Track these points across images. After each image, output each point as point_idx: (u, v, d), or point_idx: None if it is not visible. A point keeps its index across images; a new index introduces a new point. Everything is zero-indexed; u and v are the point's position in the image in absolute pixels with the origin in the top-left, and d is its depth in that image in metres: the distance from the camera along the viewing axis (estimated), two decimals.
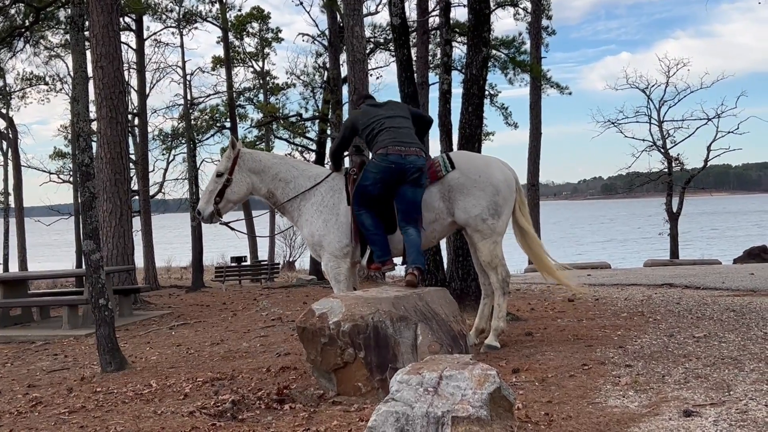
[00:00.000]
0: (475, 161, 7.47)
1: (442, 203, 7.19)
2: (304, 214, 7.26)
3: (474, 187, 7.20)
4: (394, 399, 4.09)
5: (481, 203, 7.19)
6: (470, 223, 7.22)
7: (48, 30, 26.39)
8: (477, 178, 7.24)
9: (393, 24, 11.16)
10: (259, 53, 35.28)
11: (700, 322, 8.49)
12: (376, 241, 7.00)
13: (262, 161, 7.37)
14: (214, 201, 7.22)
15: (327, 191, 7.25)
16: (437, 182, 7.18)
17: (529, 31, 27.22)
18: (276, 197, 7.36)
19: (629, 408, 5.02)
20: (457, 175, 7.21)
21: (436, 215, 7.20)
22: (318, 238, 7.14)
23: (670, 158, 29.09)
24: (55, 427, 5.79)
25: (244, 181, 7.28)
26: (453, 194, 7.19)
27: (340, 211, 7.14)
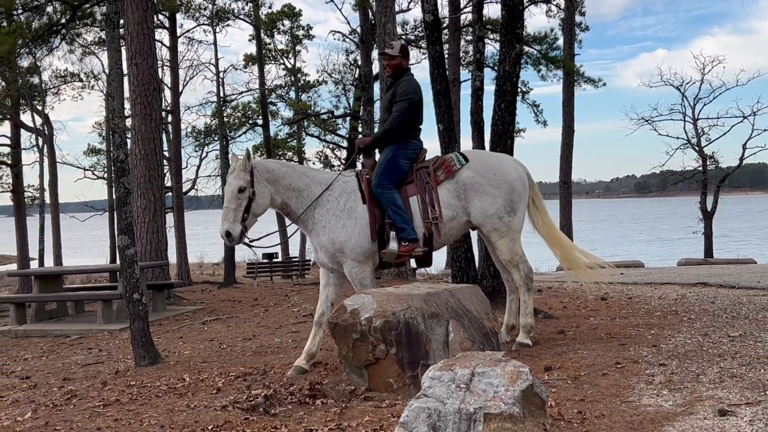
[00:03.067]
0: (488, 159, 7.47)
1: (458, 201, 7.16)
2: (321, 221, 7.02)
3: (489, 185, 7.18)
4: (425, 395, 4.09)
5: (498, 201, 7.18)
6: (487, 222, 7.20)
7: (83, 27, 26.67)
8: (492, 177, 7.22)
9: (426, 21, 11.14)
10: (291, 50, 35.38)
11: (736, 322, 8.39)
12: (406, 220, 6.96)
13: (275, 171, 7.08)
14: (243, 218, 6.82)
15: (341, 195, 7.07)
16: (452, 179, 7.17)
17: (562, 27, 27.02)
18: (290, 208, 7.10)
19: (663, 407, 4.98)
20: (471, 174, 7.19)
21: (455, 212, 7.17)
22: (339, 245, 6.93)
23: (704, 156, 28.73)
24: (89, 420, 5.86)
25: (266, 192, 6.95)
26: (468, 193, 7.16)
27: (358, 214, 7.00)
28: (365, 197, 7.04)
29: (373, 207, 7.01)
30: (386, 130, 7.31)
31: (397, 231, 6.94)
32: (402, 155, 7.21)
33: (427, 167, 7.24)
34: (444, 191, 7.14)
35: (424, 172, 7.21)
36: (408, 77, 7.42)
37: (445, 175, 7.16)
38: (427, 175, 7.18)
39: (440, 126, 10.88)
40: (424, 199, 7.10)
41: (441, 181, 7.17)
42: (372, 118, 23.82)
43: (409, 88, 7.28)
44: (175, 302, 14.81)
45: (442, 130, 10.84)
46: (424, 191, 7.12)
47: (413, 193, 7.13)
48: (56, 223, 30.43)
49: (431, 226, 7.07)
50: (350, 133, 28.45)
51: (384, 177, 7.05)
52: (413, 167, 7.26)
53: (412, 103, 7.24)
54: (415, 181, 7.18)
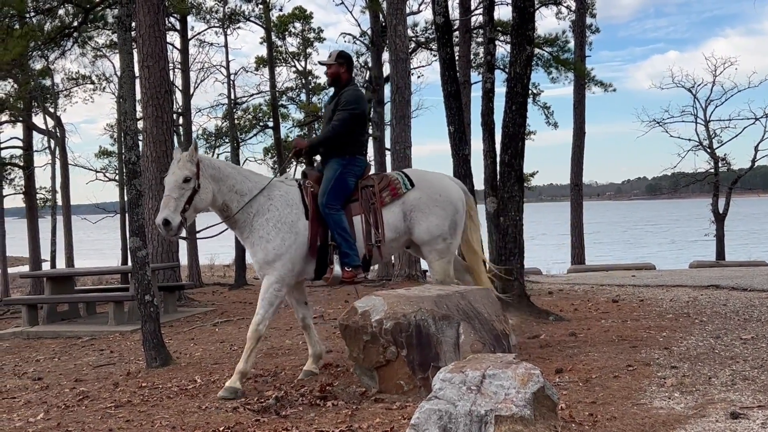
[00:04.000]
0: (433, 180, 7.30)
1: (403, 223, 6.99)
2: (259, 230, 6.63)
3: (436, 207, 7.05)
4: (437, 397, 4.09)
5: (445, 223, 7.06)
6: (431, 243, 7.07)
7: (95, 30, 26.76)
8: (438, 198, 7.09)
9: (436, 23, 11.16)
10: (302, 53, 35.41)
11: (748, 324, 8.36)
12: (351, 245, 6.73)
13: (221, 169, 6.72)
14: (183, 209, 6.37)
15: (283, 206, 6.72)
16: (398, 201, 6.97)
17: (572, 29, 26.96)
18: (230, 210, 6.69)
19: (675, 409, 4.96)
20: (417, 195, 7.02)
21: (398, 234, 7.00)
22: (273, 258, 6.55)
23: (716, 158, 28.58)
24: (101, 421, 5.89)
25: (209, 188, 6.55)
26: (414, 214, 6.99)
27: (299, 230, 6.67)
28: (308, 212, 6.74)
29: (316, 224, 6.71)
30: (326, 137, 7.04)
31: (341, 255, 6.71)
32: (350, 172, 6.98)
33: (373, 186, 7.00)
34: (389, 213, 6.93)
35: (370, 192, 6.97)
36: (352, 87, 7.22)
37: (391, 197, 6.96)
38: (372, 195, 6.95)
39: (451, 128, 10.88)
40: (368, 221, 6.88)
41: (386, 203, 6.95)
42: (382, 119, 23.82)
43: (352, 98, 7.08)
44: (186, 304, 14.85)
45: (453, 132, 10.85)
46: (369, 212, 6.90)
47: (357, 213, 6.89)
48: (68, 225, 30.53)
49: (372, 248, 6.87)
50: None
51: (332, 196, 6.79)
52: (358, 184, 7.00)
53: (354, 114, 7.02)
54: (360, 200, 6.93)
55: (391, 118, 18.78)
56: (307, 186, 6.89)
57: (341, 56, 7.28)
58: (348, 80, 7.25)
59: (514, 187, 9.94)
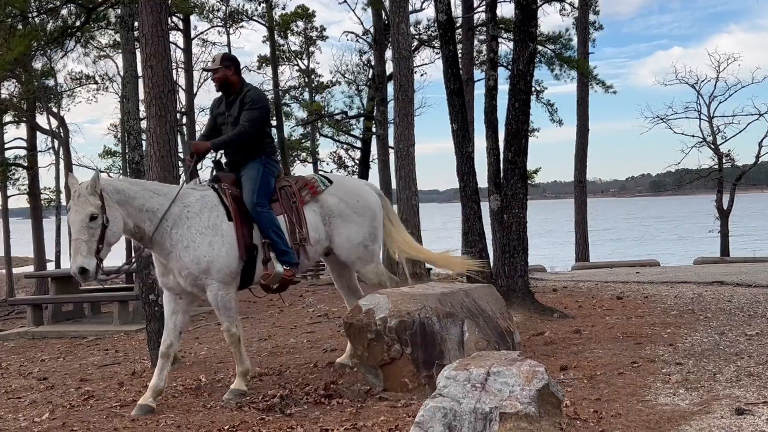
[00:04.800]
0: (349, 185, 7.21)
1: (323, 226, 6.84)
2: (182, 240, 6.18)
3: (354, 213, 6.94)
4: (441, 395, 4.10)
5: (363, 230, 6.96)
6: (353, 251, 6.95)
7: (98, 30, 26.78)
8: (355, 204, 6.98)
9: (439, 20, 11.14)
10: (304, 51, 35.43)
11: (752, 320, 8.35)
12: (287, 243, 6.52)
13: (125, 191, 6.09)
14: (97, 250, 5.79)
15: (201, 211, 6.33)
16: (316, 202, 6.83)
17: (576, 26, 26.92)
18: (143, 231, 6.14)
19: (680, 406, 4.96)
20: (336, 201, 6.90)
21: (320, 236, 6.84)
22: (206, 265, 6.16)
23: (720, 154, 28.53)
24: (106, 420, 5.90)
25: (118, 216, 5.94)
26: (333, 220, 6.87)
27: (225, 231, 6.32)
28: (231, 214, 6.41)
29: (240, 225, 6.41)
30: (236, 137, 6.67)
31: (278, 253, 6.47)
32: (270, 172, 6.77)
33: (290, 186, 6.84)
34: (310, 213, 6.77)
35: (289, 191, 6.78)
36: (253, 87, 6.99)
37: (311, 195, 6.81)
38: (292, 194, 6.77)
39: (454, 126, 10.87)
40: (291, 220, 6.67)
41: (306, 201, 6.79)
42: (386, 118, 23.83)
43: (257, 97, 6.82)
44: None
45: (456, 130, 10.83)
46: (291, 210, 6.70)
47: (279, 213, 6.63)
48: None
49: (299, 248, 6.64)
50: (364, 134, 28.47)
51: (261, 195, 6.54)
52: (275, 185, 6.80)
53: (262, 113, 6.78)
54: (280, 200, 6.71)
55: (395, 116, 18.75)
56: (224, 188, 6.57)
57: (227, 59, 6.96)
58: (239, 82, 6.91)
59: (518, 184, 9.93)
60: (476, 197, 10.80)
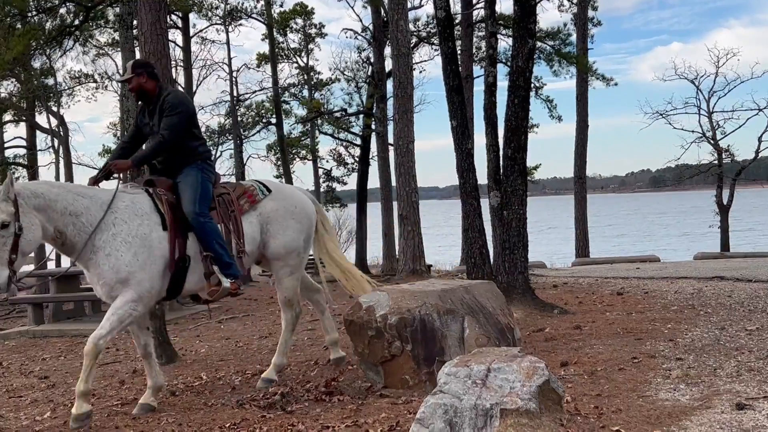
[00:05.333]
0: (288, 192, 6.97)
1: (260, 235, 6.56)
2: (104, 248, 5.75)
3: (293, 220, 6.71)
4: (442, 391, 4.10)
5: (300, 236, 6.74)
6: (286, 257, 6.69)
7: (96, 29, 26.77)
8: (294, 210, 6.76)
9: (438, 17, 11.14)
10: (304, 49, 35.40)
11: (753, 315, 8.35)
12: (231, 255, 6.20)
13: (45, 194, 5.68)
14: (9, 260, 5.43)
15: (131, 217, 5.89)
16: (255, 211, 6.53)
17: (574, 22, 26.93)
18: (66, 237, 5.72)
19: (680, 401, 4.97)
20: (275, 206, 6.65)
21: (255, 246, 6.55)
22: (125, 276, 5.72)
23: (720, 150, 28.52)
24: (107, 418, 5.91)
25: (35, 223, 5.55)
26: (272, 226, 6.60)
27: (153, 243, 5.89)
28: (166, 222, 5.99)
29: (175, 235, 5.99)
30: (157, 148, 6.25)
31: (222, 266, 6.10)
32: (207, 178, 6.37)
33: (228, 194, 6.49)
34: (247, 223, 6.46)
35: (227, 199, 6.44)
36: (172, 91, 6.58)
37: (249, 204, 6.51)
38: (230, 203, 6.43)
39: (453, 122, 10.87)
40: (228, 229, 6.33)
41: (245, 211, 6.48)
42: (385, 115, 23.82)
43: (176, 101, 6.34)
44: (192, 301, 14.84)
45: (456, 127, 10.83)
46: (228, 220, 6.36)
47: (216, 222, 6.26)
48: None
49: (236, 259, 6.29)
50: (363, 131, 28.46)
51: (203, 204, 6.15)
52: (212, 193, 6.41)
53: (182, 117, 6.29)
54: (218, 209, 6.34)
55: (394, 113, 18.78)
56: (160, 194, 6.14)
57: (138, 66, 6.53)
58: (156, 88, 6.45)
59: (517, 180, 9.93)
60: (476, 194, 10.81)
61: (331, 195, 34.09)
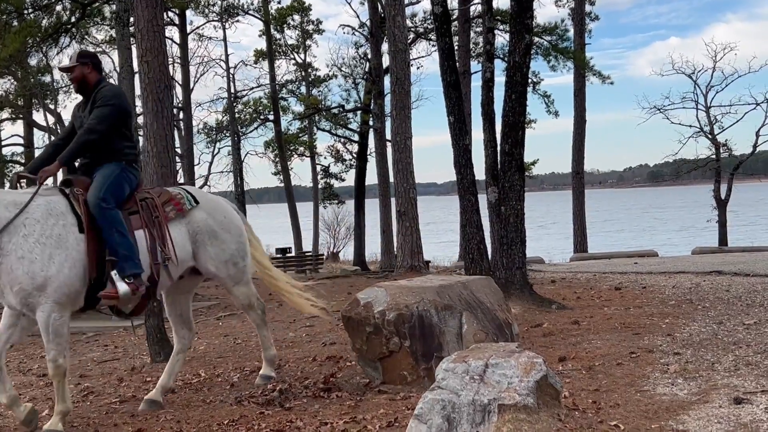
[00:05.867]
0: (214, 201, 6.61)
1: (190, 245, 6.14)
2: (16, 251, 5.31)
3: (222, 230, 6.34)
4: (440, 387, 4.10)
5: (232, 247, 6.38)
6: (222, 269, 6.33)
7: (93, 26, 26.74)
8: (222, 220, 6.40)
9: (435, 13, 11.14)
10: (301, 45, 35.37)
11: (750, 310, 8.36)
12: (132, 247, 5.66)
13: None
14: None
15: (45, 218, 5.46)
16: (183, 219, 6.10)
17: (571, 17, 26.92)
18: None
19: (678, 396, 4.97)
20: (204, 216, 6.25)
21: (186, 256, 6.11)
22: (42, 281, 5.30)
23: (717, 144, 28.54)
24: (106, 416, 5.91)
25: None
26: (201, 237, 6.19)
27: (71, 244, 5.47)
28: (83, 223, 5.55)
29: (93, 236, 5.55)
30: (83, 141, 5.82)
31: (121, 260, 5.58)
32: (125, 178, 5.92)
33: (152, 199, 6.02)
34: (176, 231, 6.01)
35: (151, 204, 5.98)
36: (108, 84, 6.15)
37: (176, 212, 6.07)
38: (154, 208, 5.96)
39: (451, 118, 10.87)
40: (152, 235, 5.85)
41: (171, 218, 6.02)
42: (383, 111, 23.81)
43: (109, 94, 5.96)
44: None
45: (453, 122, 10.84)
46: (153, 226, 5.88)
47: (138, 227, 5.80)
48: None
49: (161, 268, 5.85)
50: (361, 127, 28.46)
51: (108, 192, 5.69)
52: (135, 196, 5.96)
53: (114, 109, 5.89)
54: (140, 213, 5.88)
55: (392, 109, 18.78)
56: (76, 193, 5.70)
57: (83, 55, 6.18)
58: (98, 81, 6.08)
59: (515, 176, 9.93)
60: (474, 189, 10.82)
61: (329, 191, 34.10)
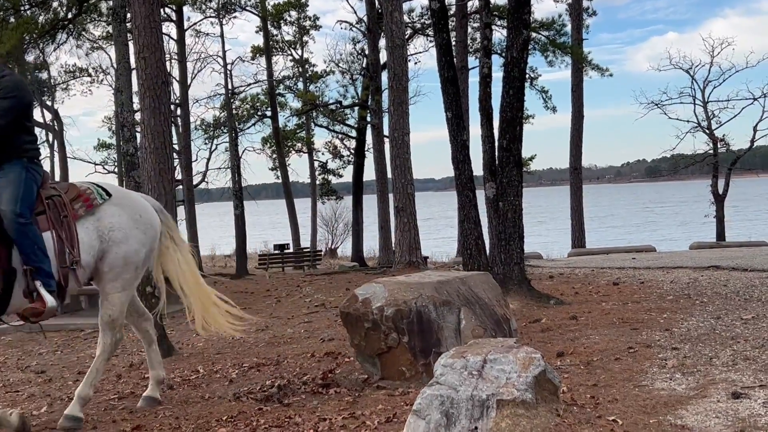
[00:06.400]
0: (132, 198, 6.04)
1: (99, 244, 5.57)
2: None
3: (137, 229, 5.78)
4: (438, 382, 4.11)
5: (143, 250, 5.82)
6: (122, 271, 5.70)
7: (90, 22, 26.71)
8: (139, 219, 5.83)
9: (432, 8, 11.12)
10: (298, 41, 35.36)
11: (748, 304, 8.37)
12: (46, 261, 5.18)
13: None
14: None
15: None
16: (92, 216, 5.56)
17: (569, 12, 26.91)
18: None
19: (676, 390, 4.98)
20: (117, 212, 5.70)
21: (92, 257, 5.55)
22: None
23: (715, 139, 28.53)
24: (104, 413, 5.91)
25: None
26: (113, 235, 5.63)
27: None
28: None
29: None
30: None
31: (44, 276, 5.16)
32: (32, 178, 5.40)
33: (60, 196, 5.48)
34: (83, 230, 5.47)
35: (58, 202, 5.44)
36: (9, 73, 5.54)
37: (85, 209, 5.53)
38: (62, 206, 5.43)
39: (448, 114, 10.87)
40: (60, 237, 5.33)
41: (80, 216, 5.49)
42: (380, 107, 23.81)
43: (12, 84, 5.39)
44: None
45: (451, 118, 10.83)
46: (60, 227, 5.35)
47: (45, 228, 5.28)
48: None
49: (69, 272, 5.35)
50: (359, 123, 28.45)
51: (24, 204, 5.18)
52: (41, 194, 5.42)
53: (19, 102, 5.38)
54: (47, 213, 5.35)
55: (389, 105, 18.79)
56: None
57: None
58: None
59: (513, 171, 9.93)
60: (472, 185, 10.82)
61: (327, 187, 34.11)
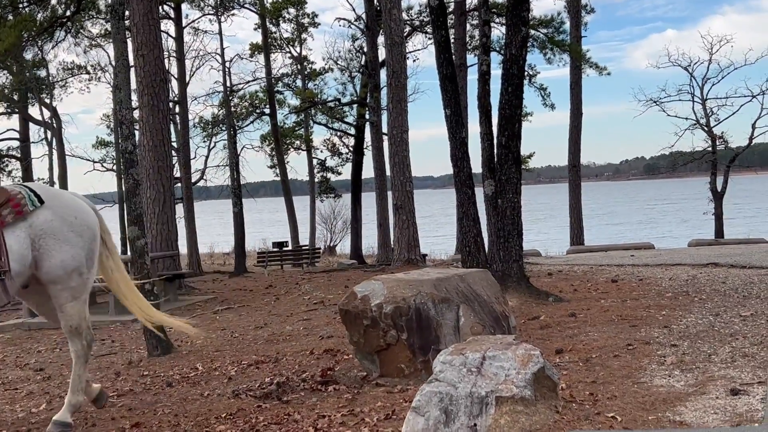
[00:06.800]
0: (66, 199, 5.77)
1: (31, 252, 5.32)
2: None
3: (72, 233, 5.50)
4: (437, 379, 4.11)
5: (81, 253, 5.53)
6: (65, 279, 5.45)
7: (88, 20, 26.67)
8: (74, 221, 5.55)
9: (431, 5, 11.11)
10: (296, 39, 35.30)
11: (747, 301, 8.38)
12: None
13: None
14: None
15: None
16: (23, 222, 5.29)
17: (568, 9, 26.89)
18: None
19: (675, 387, 4.98)
20: (50, 217, 5.42)
21: (24, 266, 5.28)
22: None
23: (713, 136, 28.53)
24: (104, 410, 5.90)
25: None
26: (46, 241, 5.36)
27: None
28: None
29: None
30: None
31: None
32: None
33: None
34: (13, 238, 5.21)
35: None
36: None
37: (14, 216, 5.26)
38: None
39: (447, 111, 10.86)
40: None
41: (8, 223, 5.23)
42: (379, 104, 23.80)
43: None
44: (187, 292, 14.85)
45: (450, 115, 10.82)
46: None
47: None
48: None
49: None
50: (357, 120, 28.44)
51: None
52: None
53: None
54: None
55: (388, 102, 18.77)
56: None
57: None
58: None
59: (512, 169, 9.94)
60: (470, 182, 10.81)
61: (325, 185, 34.09)
